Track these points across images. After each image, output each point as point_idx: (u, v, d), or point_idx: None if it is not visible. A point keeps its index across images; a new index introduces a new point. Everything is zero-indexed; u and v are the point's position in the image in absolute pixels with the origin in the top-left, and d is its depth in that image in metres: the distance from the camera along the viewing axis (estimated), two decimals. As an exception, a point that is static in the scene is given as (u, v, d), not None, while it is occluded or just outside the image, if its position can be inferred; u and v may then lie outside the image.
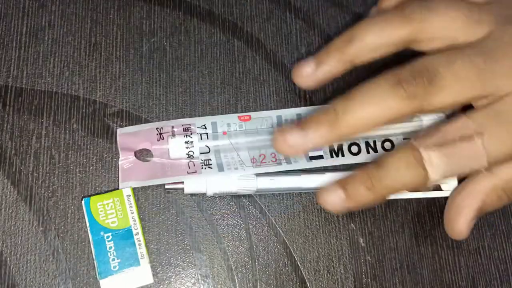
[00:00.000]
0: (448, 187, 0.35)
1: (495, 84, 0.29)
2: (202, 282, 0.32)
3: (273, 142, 0.30)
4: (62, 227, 0.32)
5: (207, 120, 0.34)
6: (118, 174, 0.33)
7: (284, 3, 0.38)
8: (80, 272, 0.31)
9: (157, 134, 0.33)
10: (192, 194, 0.33)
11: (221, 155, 0.33)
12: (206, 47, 0.37)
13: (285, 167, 0.33)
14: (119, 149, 0.33)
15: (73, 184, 0.33)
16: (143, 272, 0.31)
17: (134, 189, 0.33)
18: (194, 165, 0.33)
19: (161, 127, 0.34)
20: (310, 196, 0.34)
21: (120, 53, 0.36)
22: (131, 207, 0.31)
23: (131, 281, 0.30)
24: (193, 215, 0.33)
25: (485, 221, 0.35)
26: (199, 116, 0.35)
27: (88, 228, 0.31)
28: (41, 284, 0.31)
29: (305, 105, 0.36)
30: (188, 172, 0.33)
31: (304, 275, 0.33)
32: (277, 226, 0.34)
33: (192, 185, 0.32)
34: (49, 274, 0.31)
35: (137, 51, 0.36)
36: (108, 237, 0.31)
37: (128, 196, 0.32)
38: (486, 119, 0.29)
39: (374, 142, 0.35)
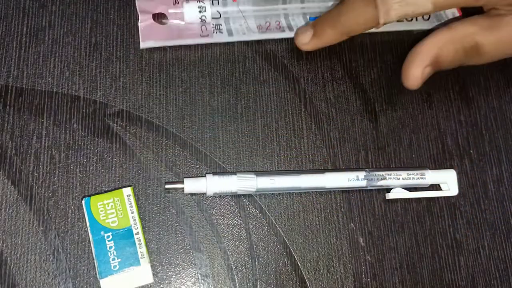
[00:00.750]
0: (448, 187, 0.35)
1: None
2: (202, 281, 0.32)
3: (294, 37, 0.36)
4: (63, 227, 0.32)
5: None
6: (139, 35, 0.35)
7: (284, 3, 0.38)
8: (80, 271, 0.31)
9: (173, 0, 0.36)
10: (192, 194, 0.33)
11: (231, 21, 0.36)
12: (206, 47, 0.37)
13: (287, 34, 0.37)
14: (138, 12, 0.35)
15: (74, 183, 0.33)
16: (143, 271, 0.31)
17: (134, 189, 0.33)
18: (206, 29, 0.36)
19: None
20: (310, 196, 0.34)
21: (120, 53, 0.36)
22: (131, 206, 0.31)
23: (131, 281, 0.30)
24: (193, 215, 0.33)
25: (485, 221, 0.35)
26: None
27: (88, 228, 0.31)
28: (42, 284, 0.31)
29: (305, 103, 0.36)
30: (201, 35, 0.36)
31: (304, 274, 0.33)
32: (277, 226, 0.34)
33: (192, 185, 0.32)
34: (49, 274, 0.31)
35: (137, 51, 0.36)
36: (108, 236, 0.31)
37: (128, 195, 0.32)
38: None
39: None
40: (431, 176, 0.35)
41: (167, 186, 0.32)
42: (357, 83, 0.37)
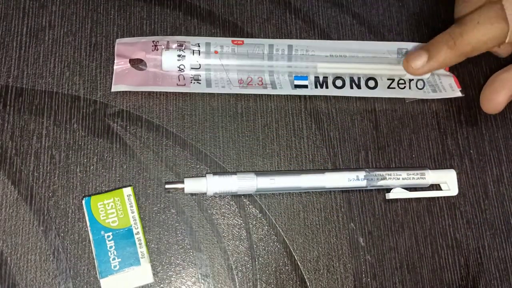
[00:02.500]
0: (448, 187, 0.35)
1: None
2: (202, 281, 0.32)
3: (403, 64, 0.35)
4: (63, 227, 0.32)
5: (202, 40, 0.36)
6: (112, 79, 0.34)
7: (284, 3, 0.38)
8: (80, 271, 0.31)
9: (152, 46, 0.35)
10: (192, 194, 0.33)
11: (211, 72, 0.35)
12: (206, 47, 0.37)
13: (269, 91, 0.35)
14: (115, 56, 0.35)
15: (74, 183, 0.33)
16: (144, 271, 0.31)
17: (134, 189, 0.33)
18: (184, 79, 0.35)
19: (157, 41, 0.35)
20: (310, 196, 0.34)
21: (121, 53, 0.36)
22: (131, 206, 0.31)
23: (131, 281, 0.30)
24: (193, 215, 0.33)
25: (485, 221, 0.35)
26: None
27: (89, 228, 0.31)
28: (42, 284, 0.31)
29: (305, 103, 0.36)
30: (177, 84, 0.34)
31: (304, 274, 0.33)
32: (277, 226, 0.34)
33: (192, 185, 0.32)
34: (49, 274, 0.31)
35: (137, 51, 0.36)
36: (108, 236, 0.31)
37: (129, 195, 0.32)
38: None
39: (359, 78, 0.36)
40: (431, 176, 0.35)
41: (167, 186, 0.32)
42: (357, 83, 0.37)
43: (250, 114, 0.36)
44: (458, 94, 0.37)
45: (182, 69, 0.35)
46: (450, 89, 0.37)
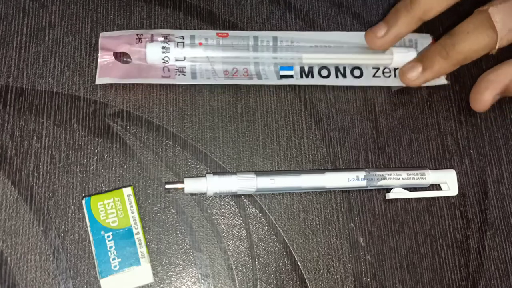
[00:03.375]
0: (448, 187, 0.35)
1: None
2: (202, 281, 0.32)
3: (399, 76, 0.36)
4: (63, 227, 0.32)
5: (186, 33, 0.36)
6: (96, 72, 0.34)
7: (284, 3, 0.38)
8: (80, 271, 0.31)
9: (136, 39, 0.35)
10: (192, 194, 0.33)
11: (196, 64, 0.35)
12: (206, 47, 0.37)
13: (255, 81, 0.35)
14: (99, 49, 0.34)
15: (74, 183, 0.33)
16: (144, 271, 0.31)
17: (134, 189, 0.33)
18: (168, 70, 0.35)
19: (141, 34, 0.35)
20: (310, 196, 0.34)
21: (121, 53, 0.36)
22: (131, 206, 0.31)
23: (131, 281, 0.30)
24: (193, 215, 0.33)
25: (485, 221, 0.35)
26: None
27: (89, 228, 0.31)
28: (42, 284, 0.31)
29: (305, 103, 0.36)
30: (162, 76, 0.34)
31: (304, 274, 0.33)
32: (277, 226, 0.34)
33: (192, 185, 0.32)
34: (49, 274, 0.31)
35: (137, 51, 0.36)
36: (108, 236, 0.31)
37: (129, 195, 0.32)
38: None
39: (344, 68, 0.37)
40: (431, 176, 0.35)
41: (167, 186, 0.32)
42: (357, 83, 0.37)
43: (250, 114, 0.36)
44: (444, 82, 0.37)
45: (167, 61, 0.35)
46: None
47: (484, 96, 0.36)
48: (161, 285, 0.32)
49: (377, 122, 0.37)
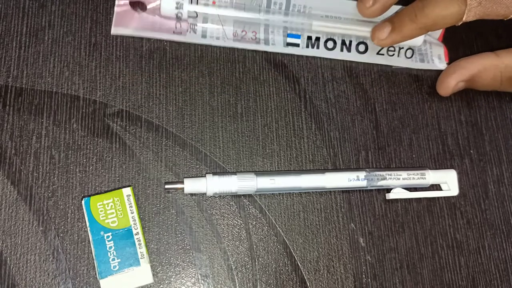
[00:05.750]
0: (448, 187, 0.35)
1: None
2: (202, 281, 0.32)
3: (370, 35, 0.37)
4: (62, 227, 0.32)
5: None
6: (112, 21, 0.35)
7: (284, 3, 0.38)
8: (80, 272, 0.31)
9: None
10: (192, 194, 0.33)
11: (208, 23, 0.36)
12: (206, 47, 0.37)
13: (262, 47, 0.36)
14: None
15: (73, 184, 0.33)
16: (143, 271, 0.30)
17: (134, 189, 0.33)
18: (180, 27, 0.36)
19: None
20: (310, 196, 0.34)
21: (120, 53, 0.36)
22: (131, 207, 0.31)
23: (131, 281, 0.30)
24: (193, 215, 0.33)
25: (485, 221, 0.35)
26: None
27: (88, 228, 0.31)
28: (41, 284, 0.31)
29: (305, 103, 0.36)
30: (174, 32, 0.36)
31: (304, 275, 0.33)
32: (277, 226, 0.34)
33: (192, 185, 0.32)
34: (49, 274, 0.31)
35: (137, 51, 0.36)
36: (108, 237, 0.31)
37: (128, 196, 0.32)
38: None
39: (350, 42, 0.37)
40: (431, 176, 0.34)
41: (167, 186, 0.32)
42: (357, 83, 0.37)
43: (250, 114, 0.36)
44: (443, 66, 0.38)
45: (180, 17, 0.35)
46: (438, 60, 0.38)
47: (450, 79, 0.36)
48: (161, 286, 0.32)
49: (377, 122, 0.37)
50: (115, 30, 0.35)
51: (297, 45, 0.37)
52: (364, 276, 0.33)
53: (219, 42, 0.36)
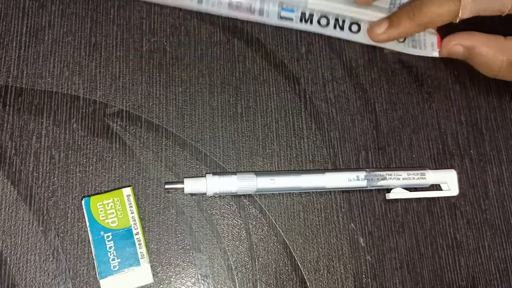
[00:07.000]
0: (448, 187, 0.35)
1: None
2: (202, 281, 0.32)
3: (367, 31, 0.38)
4: (62, 227, 0.32)
5: None
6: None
7: (284, 3, 0.38)
8: (80, 272, 0.31)
9: None
10: (192, 194, 0.33)
11: None
12: (206, 47, 0.37)
13: (256, 17, 0.37)
14: None
15: (73, 184, 0.33)
16: (143, 271, 0.30)
17: (134, 189, 0.33)
18: None
19: None
20: (310, 196, 0.34)
21: (120, 53, 0.36)
22: (131, 207, 0.31)
23: (131, 281, 0.30)
24: (193, 215, 0.33)
25: (485, 221, 0.35)
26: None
27: (88, 228, 0.31)
28: (41, 284, 0.31)
29: (305, 103, 0.36)
30: None
31: (304, 275, 0.33)
32: (277, 226, 0.34)
33: (192, 185, 0.32)
34: (49, 274, 0.31)
35: (137, 51, 0.36)
36: (108, 237, 0.31)
37: (128, 196, 0.32)
38: None
39: (343, 21, 0.38)
40: (431, 176, 0.34)
41: (167, 186, 0.32)
42: (357, 83, 0.37)
43: (250, 114, 0.36)
44: (436, 54, 0.38)
45: None
46: (431, 47, 0.38)
47: (451, 38, 0.37)
48: (161, 286, 0.32)
49: (377, 122, 0.37)
50: None
51: (291, 19, 0.37)
52: (364, 276, 0.33)
53: (214, 9, 0.36)
